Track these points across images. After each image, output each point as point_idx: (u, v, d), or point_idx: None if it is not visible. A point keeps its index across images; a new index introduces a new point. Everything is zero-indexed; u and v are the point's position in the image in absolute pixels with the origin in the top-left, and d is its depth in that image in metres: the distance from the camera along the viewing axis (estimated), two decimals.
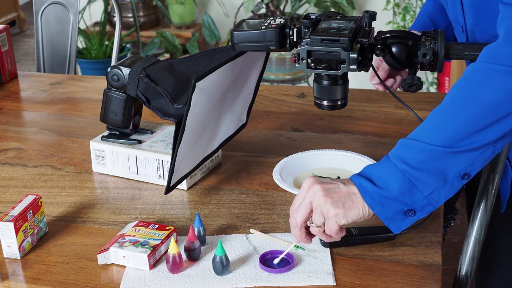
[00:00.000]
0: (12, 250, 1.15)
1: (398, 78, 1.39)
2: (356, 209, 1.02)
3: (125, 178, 1.42)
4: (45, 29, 2.47)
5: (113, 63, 2.42)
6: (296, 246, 1.14)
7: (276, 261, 1.11)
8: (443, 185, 0.99)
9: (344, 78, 1.19)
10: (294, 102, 1.78)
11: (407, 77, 1.16)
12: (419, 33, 1.18)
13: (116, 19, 2.41)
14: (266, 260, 1.12)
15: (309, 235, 1.08)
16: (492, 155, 1.00)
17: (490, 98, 0.95)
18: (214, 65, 1.26)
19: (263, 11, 3.76)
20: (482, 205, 1.17)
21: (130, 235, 1.15)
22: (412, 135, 1.02)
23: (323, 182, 1.04)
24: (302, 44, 1.13)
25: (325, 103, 1.21)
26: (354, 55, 1.09)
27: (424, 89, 3.47)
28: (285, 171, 1.35)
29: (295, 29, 1.18)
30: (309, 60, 1.13)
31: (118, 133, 1.43)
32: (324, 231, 1.05)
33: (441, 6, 1.42)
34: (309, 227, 1.07)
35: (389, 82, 1.38)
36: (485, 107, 0.96)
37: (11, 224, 1.13)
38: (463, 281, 1.20)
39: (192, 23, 4.05)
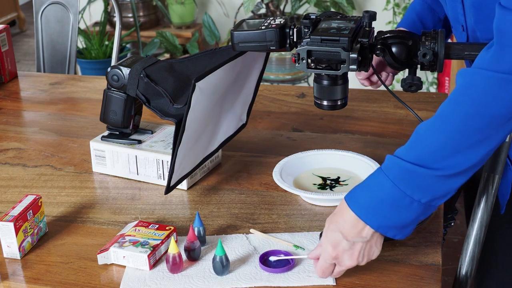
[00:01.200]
0: (12, 250, 1.15)
1: (384, 74, 1.38)
2: (379, 245, 1.04)
3: (125, 178, 1.42)
4: (45, 29, 2.47)
5: (113, 63, 2.42)
6: (296, 246, 1.14)
7: (272, 258, 1.11)
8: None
9: (344, 78, 1.19)
10: (294, 102, 1.78)
11: (407, 77, 1.16)
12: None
13: (116, 19, 2.41)
14: (266, 260, 1.12)
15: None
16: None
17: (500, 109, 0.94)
18: (214, 65, 1.26)
19: (263, 11, 3.76)
20: (482, 205, 1.17)
21: (130, 235, 1.15)
22: (418, 159, 0.99)
23: (343, 251, 1.03)
24: (302, 44, 1.13)
25: (325, 103, 1.21)
26: (354, 55, 1.09)
27: (424, 89, 3.46)
28: (285, 171, 1.35)
29: (295, 29, 1.18)
30: (309, 60, 1.13)
31: (118, 133, 1.43)
32: None
33: (429, 5, 1.42)
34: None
35: (374, 78, 1.38)
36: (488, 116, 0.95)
37: (11, 224, 1.13)
38: (463, 281, 1.20)
39: (192, 23, 4.05)
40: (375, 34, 1.18)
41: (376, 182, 1.01)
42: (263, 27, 1.18)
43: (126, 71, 1.34)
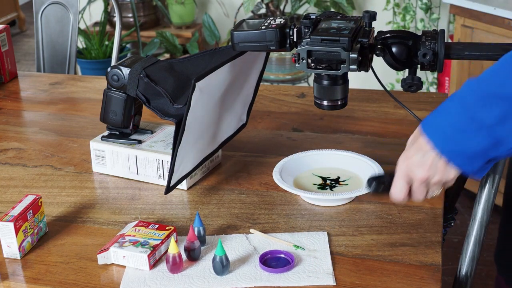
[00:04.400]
0: (12, 250, 1.15)
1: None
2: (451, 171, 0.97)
3: (125, 178, 1.42)
4: (45, 29, 2.47)
5: (113, 63, 2.42)
6: (296, 246, 1.14)
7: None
8: None
9: (344, 78, 1.19)
10: (294, 102, 1.78)
11: (407, 77, 1.17)
12: None
13: (116, 19, 2.41)
14: (266, 260, 1.12)
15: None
16: None
17: None
18: (214, 65, 1.26)
19: (263, 11, 3.76)
20: (482, 205, 1.17)
21: (130, 235, 1.15)
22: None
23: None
24: (302, 44, 1.13)
25: (325, 103, 1.21)
26: (354, 55, 1.09)
27: (424, 89, 3.46)
28: (285, 171, 1.35)
29: (295, 29, 1.18)
30: (309, 60, 1.13)
31: (118, 133, 1.43)
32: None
33: None
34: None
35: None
36: None
37: (11, 224, 1.13)
38: (463, 281, 1.20)
39: (192, 23, 4.05)
40: (375, 34, 1.18)
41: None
42: (263, 27, 1.19)
43: (126, 71, 1.34)
